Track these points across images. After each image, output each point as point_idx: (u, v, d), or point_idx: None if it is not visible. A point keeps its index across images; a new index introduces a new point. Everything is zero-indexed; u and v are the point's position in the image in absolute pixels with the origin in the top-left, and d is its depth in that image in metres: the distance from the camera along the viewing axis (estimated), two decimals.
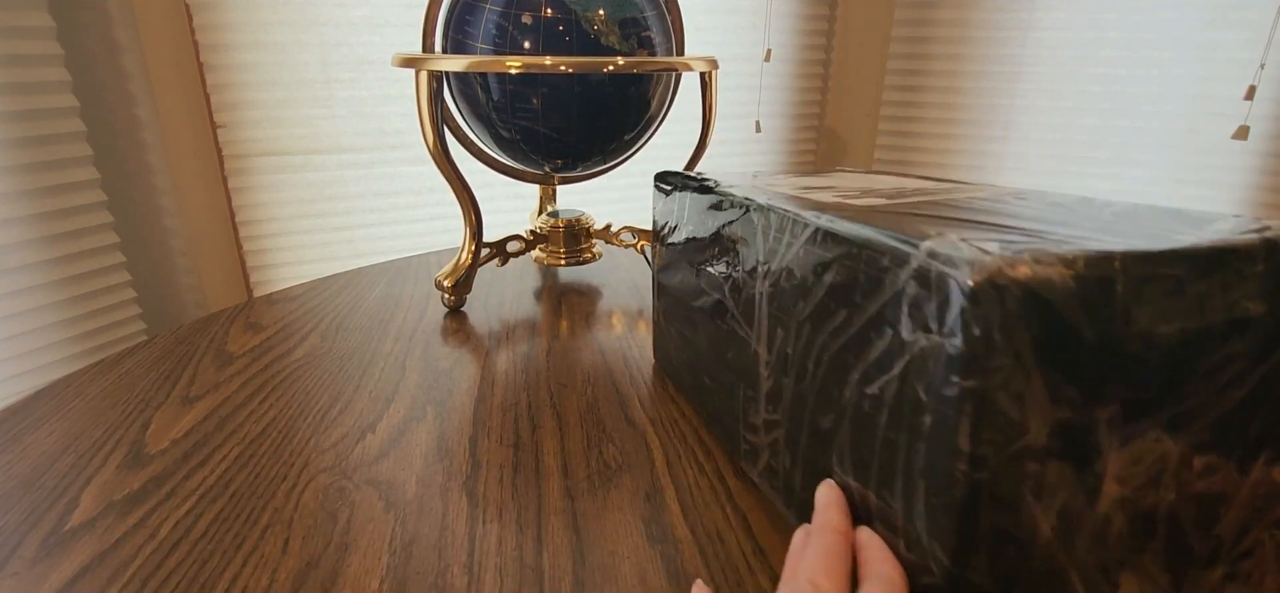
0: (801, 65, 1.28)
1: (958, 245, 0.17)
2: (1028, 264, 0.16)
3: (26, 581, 0.30)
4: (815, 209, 0.25)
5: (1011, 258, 0.16)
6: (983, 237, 0.18)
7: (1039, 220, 0.21)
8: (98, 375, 0.48)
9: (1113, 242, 0.17)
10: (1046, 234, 0.19)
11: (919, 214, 0.23)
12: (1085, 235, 0.18)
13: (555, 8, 0.50)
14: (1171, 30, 1.09)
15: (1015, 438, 0.17)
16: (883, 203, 0.26)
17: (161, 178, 0.96)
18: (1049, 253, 0.16)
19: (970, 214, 0.22)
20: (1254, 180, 1.13)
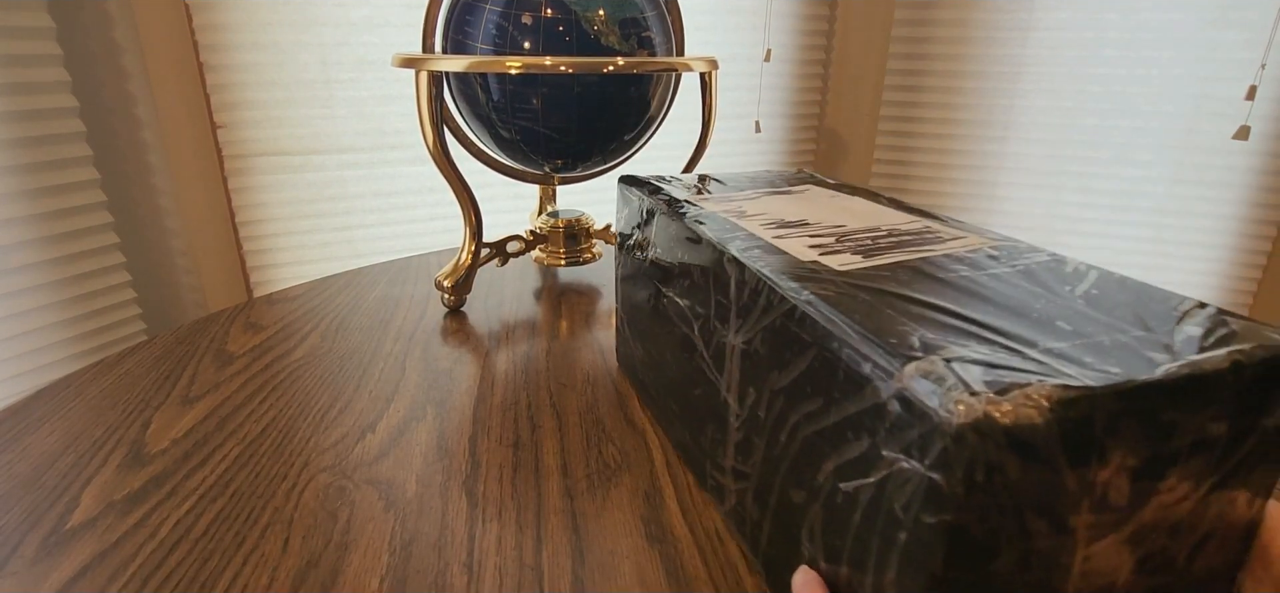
0: (801, 65, 1.28)
1: (944, 375, 0.17)
2: (1012, 405, 0.16)
3: (26, 580, 0.30)
4: (795, 275, 0.25)
5: (996, 399, 0.16)
6: (964, 351, 0.18)
7: (1016, 312, 0.21)
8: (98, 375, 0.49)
9: (1088, 367, 0.17)
10: (1021, 341, 0.19)
11: (900, 295, 0.22)
12: (1057, 349, 0.18)
13: (555, 8, 0.50)
14: (1172, 30, 1.09)
15: (988, 562, 0.17)
16: (860, 265, 0.25)
17: (161, 178, 0.96)
18: (1032, 391, 0.16)
19: (948, 299, 0.22)
20: (1254, 180, 1.13)
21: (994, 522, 0.17)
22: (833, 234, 0.30)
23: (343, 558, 0.32)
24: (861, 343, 0.20)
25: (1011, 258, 0.26)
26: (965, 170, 1.27)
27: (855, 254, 0.27)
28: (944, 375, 0.17)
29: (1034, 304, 0.21)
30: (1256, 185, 1.13)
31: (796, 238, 0.29)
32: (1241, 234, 1.16)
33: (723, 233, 0.30)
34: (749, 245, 0.28)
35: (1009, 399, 0.16)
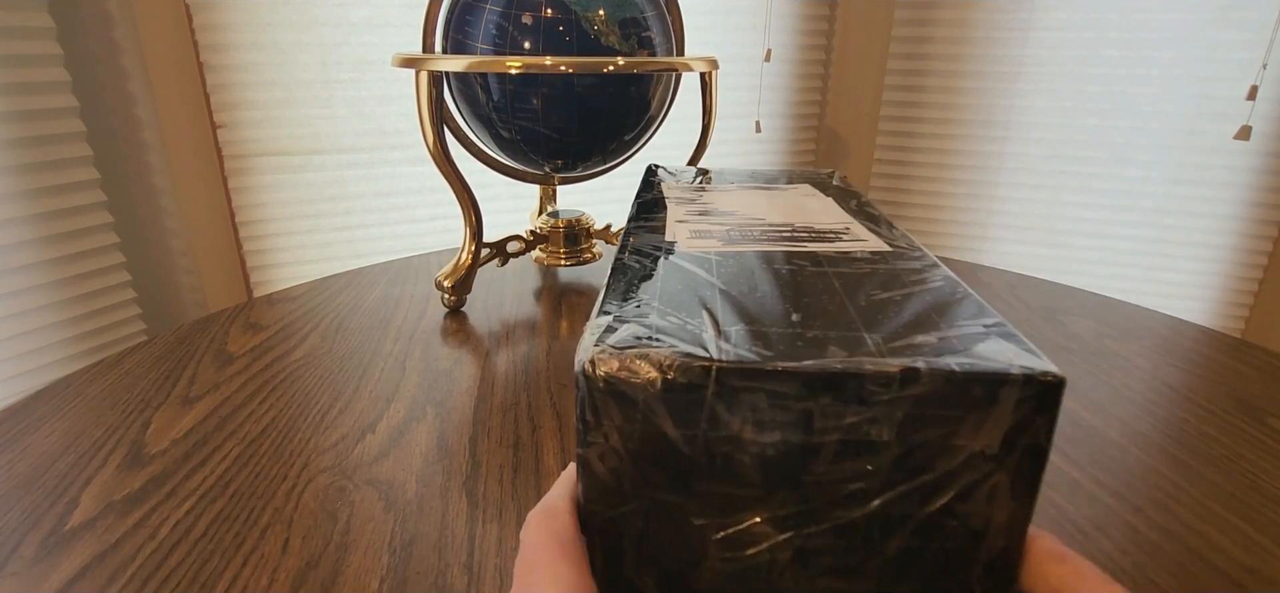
0: (801, 65, 1.28)
1: (596, 330, 0.19)
2: (618, 361, 0.18)
3: (26, 581, 0.30)
4: (633, 247, 0.27)
5: (605, 354, 0.18)
6: (657, 319, 0.20)
7: (778, 305, 0.22)
8: (98, 375, 0.49)
9: (763, 350, 0.18)
10: (738, 322, 0.20)
11: (694, 274, 0.24)
12: (760, 332, 0.20)
13: (555, 8, 0.50)
14: (1172, 30, 1.09)
15: (619, 502, 0.19)
16: (703, 247, 0.27)
17: (161, 178, 0.96)
18: (653, 354, 0.18)
19: (731, 284, 0.23)
20: (1254, 180, 1.13)
21: (612, 463, 0.19)
22: (730, 225, 0.30)
23: (343, 559, 0.31)
24: (602, 299, 0.22)
25: (877, 263, 0.26)
26: (965, 170, 1.27)
27: (720, 240, 0.28)
28: (596, 331, 0.19)
29: (818, 300, 0.22)
30: (1256, 185, 1.13)
31: (694, 224, 0.30)
32: (1241, 234, 1.16)
33: (640, 216, 0.31)
34: (644, 225, 0.30)
35: (615, 358, 0.18)
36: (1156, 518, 0.35)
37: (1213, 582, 0.31)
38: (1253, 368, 0.52)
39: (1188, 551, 0.33)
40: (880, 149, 1.33)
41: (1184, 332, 0.59)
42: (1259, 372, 0.52)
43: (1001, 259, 1.29)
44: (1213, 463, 0.40)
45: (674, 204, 0.34)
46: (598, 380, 0.18)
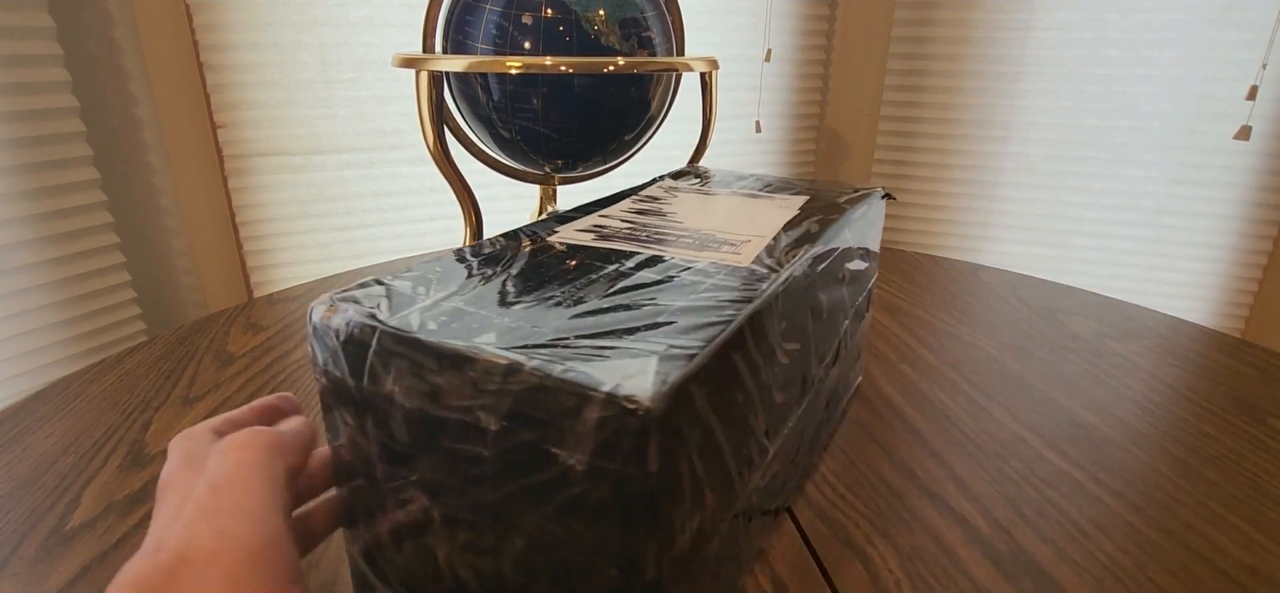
0: (801, 65, 1.28)
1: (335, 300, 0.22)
2: (330, 319, 0.21)
3: (27, 581, 0.30)
4: (509, 234, 0.31)
5: (325, 313, 0.21)
6: (398, 286, 0.24)
7: (545, 290, 0.24)
8: (98, 376, 0.48)
9: (418, 321, 0.21)
10: (474, 303, 0.23)
11: (515, 268, 0.27)
12: (474, 299, 0.23)
13: (555, 8, 0.50)
14: (1172, 30, 1.09)
15: (334, 437, 0.23)
16: (564, 238, 0.30)
17: (161, 178, 0.96)
18: (352, 314, 0.21)
19: (534, 275, 0.25)
20: (1254, 180, 1.13)
21: (329, 401, 0.22)
22: (632, 222, 0.32)
23: (343, 558, 0.31)
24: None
25: (706, 273, 0.26)
26: (965, 170, 1.27)
27: (593, 234, 0.30)
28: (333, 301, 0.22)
29: (577, 291, 0.24)
30: (1256, 185, 1.13)
31: (609, 219, 0.33)
32: (1242, 234, 1.16)
33: (566, 214, 0.34)
34: (557, 223, 0.32)
35: (333, 319, 0.21)
36: (1156, 518, 0.35)
37: (1213, 582, 0.31)
38: (1253, 368, 0.52)
39: (1188, 550, 0.33)
40: (880, 149, 1.33)
41: (1184, 332, 0.59)
42: (1259, 372, 0.52)
43: (1002, 259, 1.29)
44: (1213, 463, 0.40)
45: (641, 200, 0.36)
46: (321, 332, 0.21)
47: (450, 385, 0.19)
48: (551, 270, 0.25)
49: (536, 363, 0.18)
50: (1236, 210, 1.15)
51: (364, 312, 0.21)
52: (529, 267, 0.26)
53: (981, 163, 1.26)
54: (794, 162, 1.35)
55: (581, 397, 0.17)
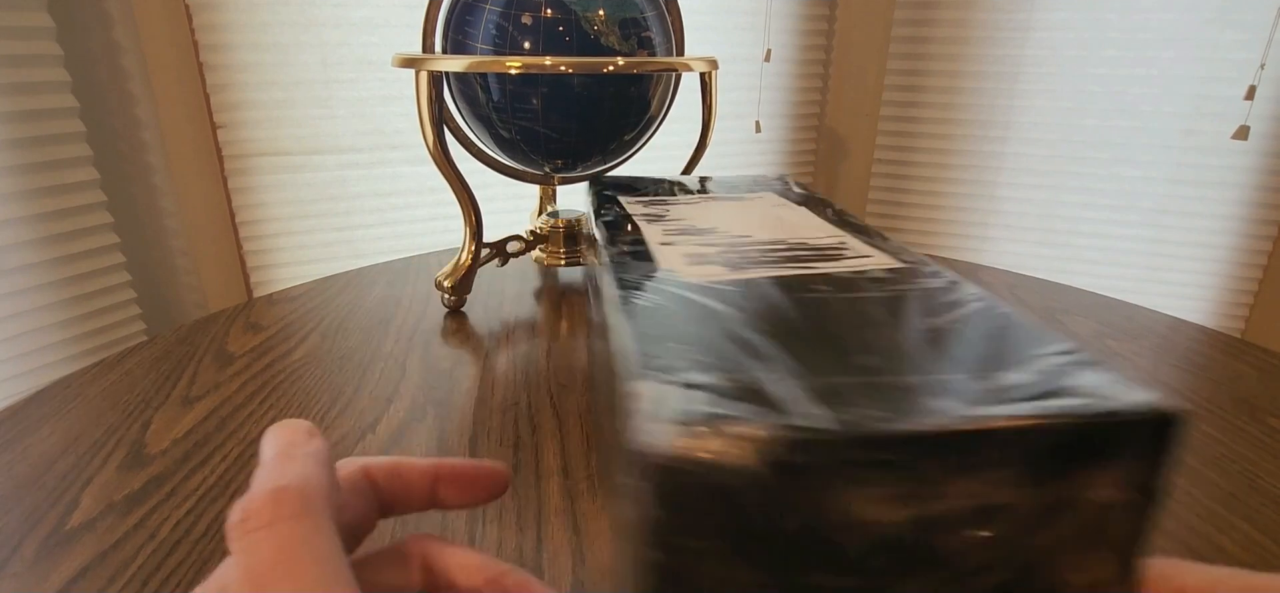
0: (801, 65, 1.28)
1: (664, 397, 0.16)
2: (698, 440, 0.14)
3: (27, 581, 0.30)
4: (631, 282, 0.23)
5: (684, 433, 0.14)
6: (705, 377, 0.17)
7: (834, 342, 0.19)
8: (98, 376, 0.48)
9: (842, 410, 0.16)
10: (800, 373, 0.17)
11: (716, 310, 0.21)
12: (830, 385, 0.17)
13: (555, 8, 0.50)
14: (1171, 30, 1.09)
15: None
16: (716, 277, 0.24)
17: (161, 178, 0.96)
18: (733, 431, 0.14)
19: (769, 320, 0.20)
20: (1254, 180, 1.13)
21: (691, 565, 0.15)
22: (721, 244, 0.27)
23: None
24: (625, 353, 0.18)
25: (898, 283, 0.24)
26: (965, 170, 1.27)
27: (722, 265, 0.25)
28: (664, 400, 0.15)
29: (869, 335, 0.20)
30: (1256, 185, 1.13)
31: (683, 245, 0.27)
32: (1241, 234, 1.16)
33: (612, 237, 0.28)
34: (626, 250, 0.26)
35: (699, 435, 0.14)
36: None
37: None
38: (1253, 368, 0.52)
39: (1188, 550, 0.33)
40: (880, 149, 1.33)
41: (1184, 332, 0.59)
42: (1259, 372, 0.52)
43: (1001, 259, 1.29)
44: (1213, 463, 0.40)
45: (644, 222, 0.31)
46: (680, 467, 0.14)
47: (946, 472, 0.15)
48: (774, 314, 0.21)
49: (1046, 409, 0.15)
50: (1236, 210, 1.15)
51: (780, 424, 0.15)
52: (755, 311, 0.21)
53: (981, 163, 1.26)
54: (794, 161, 1.35)
55: (1129, 423, 0.15)
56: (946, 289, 0.23)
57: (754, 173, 1.30)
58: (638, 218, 0.31)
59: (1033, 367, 0.17)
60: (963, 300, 0.22)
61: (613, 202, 0.34)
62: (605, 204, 0.34)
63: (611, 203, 0.34)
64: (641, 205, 0.34)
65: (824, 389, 0.16)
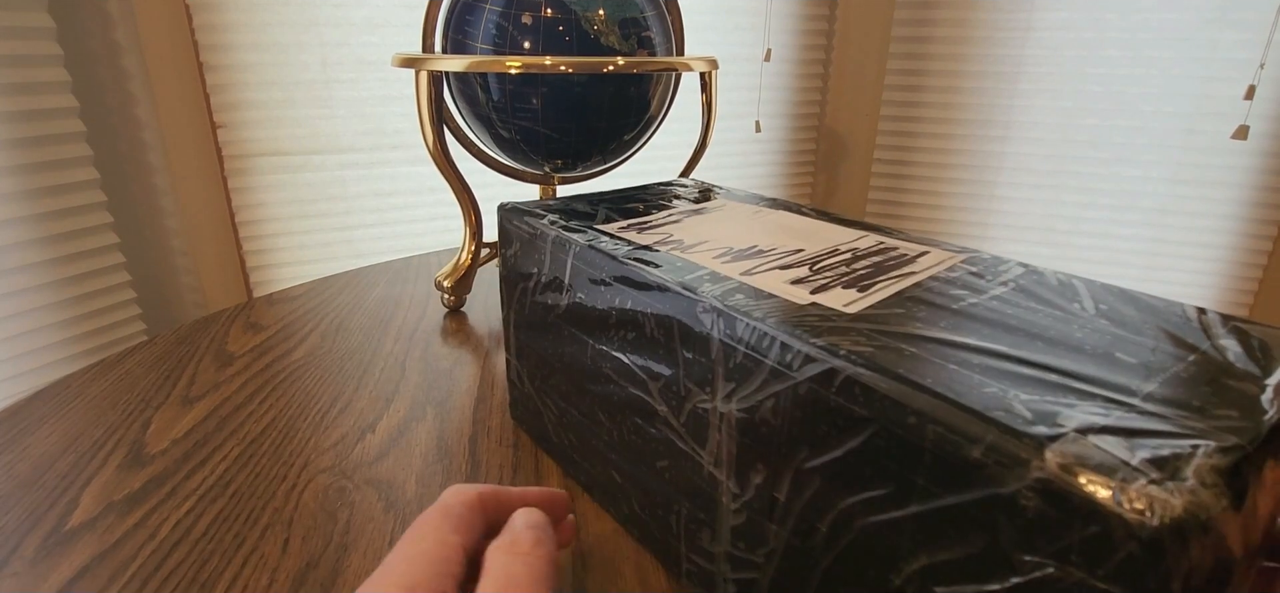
0: (801, 65, 1.28)
1: (1106, 455, 0.14)
2: (1197, 493, 0.13)
3: (26, 581, 0.30)
4: (805, 325, 0.20)
5: (1184, 490, 0.13)
6: (1081, 415, 0.15)
7: (1065, 346, 0.19)
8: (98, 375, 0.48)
9: (1199, 414, 0.15)
10: (1111, 387, 0.17)
11: (942, 341, 0.19)
12: (1152, 392, 0.16)
13: (555, 8, 0.50)
14: (1172, 30, 1.09)
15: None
16: (865, 303, 0.22)
17: (161, 178, 0.96)
18: (1198, 465, 0.13)
19: (988, 337, 0.19)
20: (1253, 180, 1.13)
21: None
22: (801, 262, 0.26)
23: (343, 559, 0.31)
24: (968, 419, 0.16)
25: (994, 274, 0.24)
26: (965, 170, 1.27)
27: (848, 287, 0.23)
28: (1109, 457, 0.14)
29: (1070, 331, 0.19)
30: (1256, 185, 1.13)
31: (765, 271, 0.25)
32: (1241, 234, 1.16)
33: (681, 274, 0.25)
34: (723, 288, 0.23)
35: (1191, 486, 0.13)
36: None
37: None
38: None
39: None
40: (880, 149, 1.33)
41: None
42: None
43: None
44: None
45: (672, 248, 0.28)
46: (1195, 528, 0.12)
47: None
48: (1015, 334, 0.20)
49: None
50: (1236, 210, 1.15)
51: (1210, 451, 0.14)
52: (987, 325, 0.20)
53: (981, 162, 1.26)
54: (794, 161, 1.35)
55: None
56: (1035, 275, 0.24)
57: (638, 184, 1.30)
58: (660, 247, 0.28)
59: (1214, 334, 0.18)
60: (1066, 284, 0.23)
61: (578, 229, 0.31)
62: (568, 231, 0.31)
63: (576, 230, 0.31)
64: (627, 233, 0.31)
65: (1158, 399, 0.16)
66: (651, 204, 0.36)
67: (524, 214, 0.33)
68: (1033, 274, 0.24)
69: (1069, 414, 0.15)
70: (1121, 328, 0.20)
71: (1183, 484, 0.13)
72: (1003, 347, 0.19)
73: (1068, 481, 0.13)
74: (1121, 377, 0.17)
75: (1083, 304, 0.21)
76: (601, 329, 0.28)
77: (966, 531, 0.16)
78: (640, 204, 0.36)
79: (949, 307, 0.21)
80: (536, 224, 0.32)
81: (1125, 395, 0.16)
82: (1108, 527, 0.13)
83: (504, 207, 0.34)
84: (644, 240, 0.29)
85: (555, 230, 0.31)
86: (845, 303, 0.22)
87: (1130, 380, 0.17)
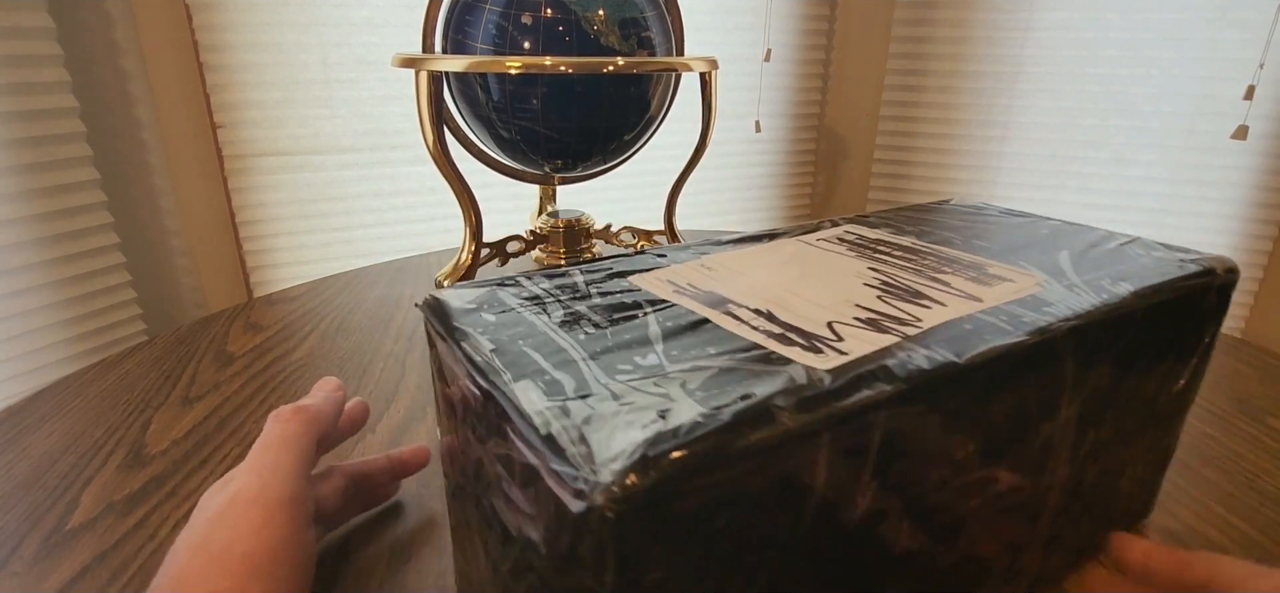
0: (801, 65, 1.28)
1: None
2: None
3: (27, 581, 0.30)
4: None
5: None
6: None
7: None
8: (98, 375, 0.48)
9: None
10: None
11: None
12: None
13: (555, 8, 0.50)
14: (1172, 30, 1.09)
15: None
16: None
17: (161, 178, 0.96)
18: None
19: None
20: (1253, 180, 1.13)
21: None
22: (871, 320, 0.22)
23: (343, 559, 0.32)
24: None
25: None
26: (965, 170, 1.27)
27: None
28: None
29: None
30: (1256, 185, 1.13)
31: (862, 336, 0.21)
32: (1241, 234, 1.16)
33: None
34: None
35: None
36: (1156, 518, 0.35)
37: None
38: (1253, 368, 0.52)
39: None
40: (880, 149, 1.33)
41: None
42: (1259, 372, 0.52)
43: None
44: (1213, 463, 0.40)
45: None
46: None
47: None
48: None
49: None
50: (1236, 210, 1.15)
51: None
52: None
53: (981, 163, 1.26)
54: (794, 161, 1.35)
55: None
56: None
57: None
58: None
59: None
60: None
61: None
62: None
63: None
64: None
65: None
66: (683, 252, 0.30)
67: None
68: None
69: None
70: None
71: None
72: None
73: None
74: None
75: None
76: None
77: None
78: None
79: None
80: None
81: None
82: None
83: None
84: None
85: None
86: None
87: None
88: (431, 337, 0.23)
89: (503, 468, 0.18)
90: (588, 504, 0.14)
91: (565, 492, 0.14)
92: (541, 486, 0.16)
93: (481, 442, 0.20)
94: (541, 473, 0.15)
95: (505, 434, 0.17)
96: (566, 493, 0.14)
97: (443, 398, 0.23)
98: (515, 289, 0.25)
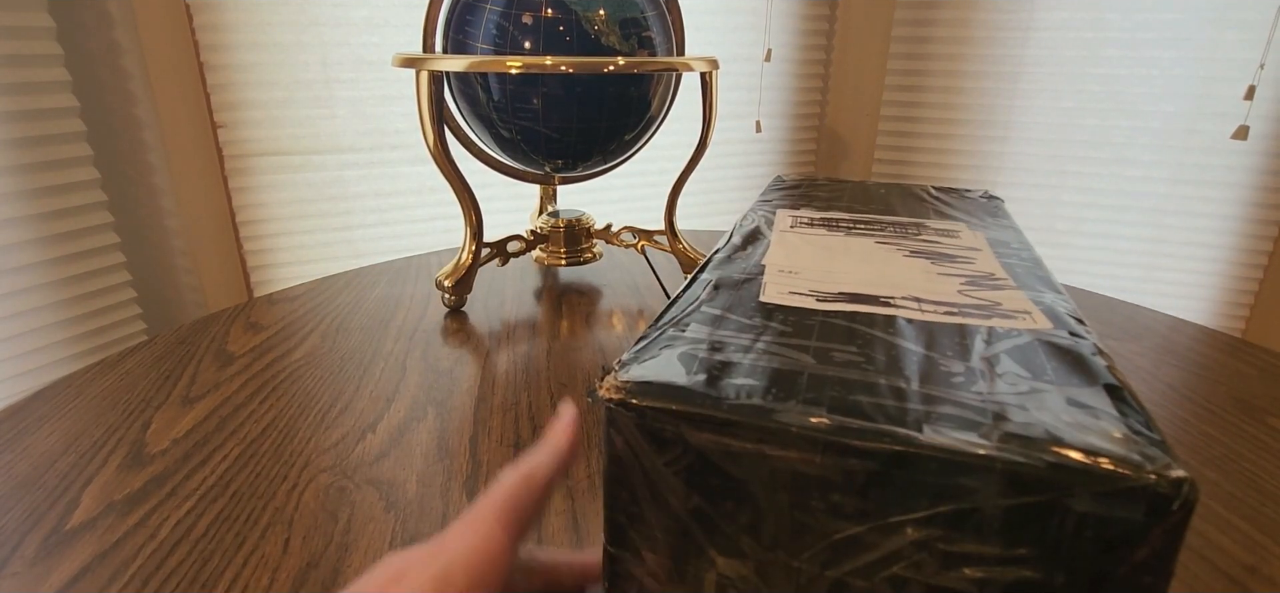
0: (801, 65, 1.28)
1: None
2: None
3: (27, 580, 0.30)
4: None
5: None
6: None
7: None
8: (98, 375, 0.48)
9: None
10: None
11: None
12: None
13: (555, 8, 0.50)
14: (1172, 30, 1.09)
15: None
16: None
17: (161, 178, 0.96)
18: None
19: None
20: (1253, 180, 1.13)
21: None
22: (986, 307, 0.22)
23: (343, 559, 0.31)
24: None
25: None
26: (965, 170, 1.27)
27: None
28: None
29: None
30: (1256, 185, 1.13)
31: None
32: (1241, 234, 1.16)
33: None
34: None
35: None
36: None
37: (1213, 581, 0.31)
38: (1253, 368, 0.52)
39: (1188, 550, 0.33)
40: (880, 149, 1.33)
41: (1184, 332, 0.59)
42: (1259, 372, 0.52)
43: None
44: (1213, 463, 0.40)
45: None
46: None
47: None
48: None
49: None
50: (1236, 210, 1.15)
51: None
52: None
53: (981, 162, 1.26)
54: (794, 161, 1.36)
55: None
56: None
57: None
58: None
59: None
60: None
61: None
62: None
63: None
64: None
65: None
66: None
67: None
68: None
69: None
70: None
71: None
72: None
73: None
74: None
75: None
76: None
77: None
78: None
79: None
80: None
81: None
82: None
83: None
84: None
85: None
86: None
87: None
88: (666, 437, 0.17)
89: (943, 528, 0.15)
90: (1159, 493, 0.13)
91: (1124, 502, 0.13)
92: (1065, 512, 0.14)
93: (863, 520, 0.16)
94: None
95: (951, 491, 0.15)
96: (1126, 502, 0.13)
97: (662, 512, 0.18)
98: (706, 328, 0.20)
